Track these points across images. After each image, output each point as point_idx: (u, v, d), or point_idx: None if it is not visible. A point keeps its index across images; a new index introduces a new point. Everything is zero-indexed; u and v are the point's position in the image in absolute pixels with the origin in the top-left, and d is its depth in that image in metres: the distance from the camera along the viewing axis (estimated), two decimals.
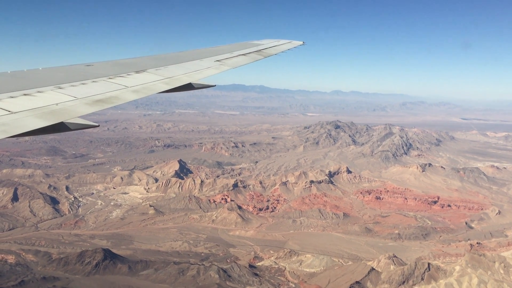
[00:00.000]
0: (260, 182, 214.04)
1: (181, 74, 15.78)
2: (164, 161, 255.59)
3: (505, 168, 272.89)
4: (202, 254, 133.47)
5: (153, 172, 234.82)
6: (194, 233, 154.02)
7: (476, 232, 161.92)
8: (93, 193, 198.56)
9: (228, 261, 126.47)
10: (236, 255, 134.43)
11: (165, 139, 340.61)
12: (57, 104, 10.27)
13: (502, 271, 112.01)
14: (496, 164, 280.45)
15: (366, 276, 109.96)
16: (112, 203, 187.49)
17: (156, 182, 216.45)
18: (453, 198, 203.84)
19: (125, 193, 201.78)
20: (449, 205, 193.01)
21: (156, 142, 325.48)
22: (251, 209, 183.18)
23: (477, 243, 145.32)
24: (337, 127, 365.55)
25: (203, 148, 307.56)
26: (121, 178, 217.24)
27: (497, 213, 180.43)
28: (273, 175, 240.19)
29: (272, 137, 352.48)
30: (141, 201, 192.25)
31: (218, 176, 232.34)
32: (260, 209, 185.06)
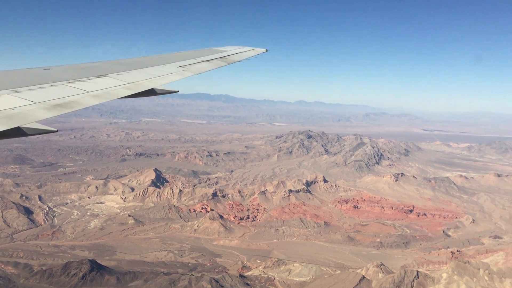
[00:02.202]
0: (239, 191, 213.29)
1: (143, 79, 15.53)
2: (138, 170, 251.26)
3: (472, 177, 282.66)
4: (189, 264, 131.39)
5: (128, 181, 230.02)
6: (178, 243, 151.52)
7: (454, 240, 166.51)
8: (67, 203, 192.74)
9: (217, 271, 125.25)
10: (223, 265, 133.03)
11: (136, 147, 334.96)
12: (13, 109, 9.94)
13: (486, 278, 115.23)
14: (463, 174, 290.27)
15: (357, 284, 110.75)
16: (88, 213, 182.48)
17: (132, 191, 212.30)
18: (427, 207, 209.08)
19: (101, 203, 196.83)
20: (424, 214, 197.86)
21: (127, 150, 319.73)
22: (232, 219, 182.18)
23: (457, 250, 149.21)
24: (309, 136, 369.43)
25: (177, 157, 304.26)
26: (96, 187, 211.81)
27: (471, 222, 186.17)
28: (250, 184, 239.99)
29: (245, 146, 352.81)
30: (118, 210, 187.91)
31: (195, 185, 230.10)
32: (241, 219, 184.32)
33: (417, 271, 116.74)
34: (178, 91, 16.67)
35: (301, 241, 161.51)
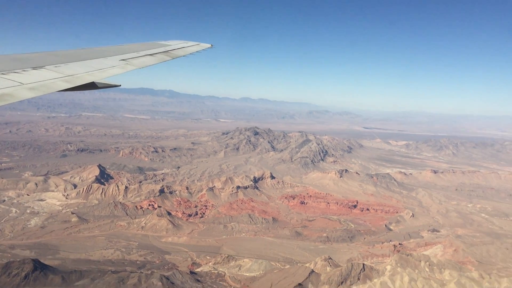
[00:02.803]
0: (187, 188, 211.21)
1: (83, 72, 15.04)
2: (80, 166, 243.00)
3: (411, 174, 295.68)
4: (138, 262, 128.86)
5: (70, 177, 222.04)
6: (124, 241, 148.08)
7: (395, 234, 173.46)
8: (4, 200, 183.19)
9: (167, 268, 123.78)
10: (173, 262, 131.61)
11: (77, 143, 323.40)
12: None
13: (427, 269, 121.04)
14: (403, 170, 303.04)
15: (307, 278, 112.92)
16: (28, 211, 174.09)
17: (75, 188, 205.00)
18: (370, 202, 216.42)
19: (42, 200, 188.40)
20: (367, 209, 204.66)
21: (68, 146, 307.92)
22: (180, 215, 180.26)
23: (399, 244, 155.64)
24: (255, 133, 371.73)
25: (121, 153, 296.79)
26: (35, 184, 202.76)
27: (411, 216, 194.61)
28: (197, 181, 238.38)
29: (192, 143, 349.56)
30: (60, 208, 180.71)
31: (141, 182, 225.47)
32: (189, 215, 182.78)
33: (363, 264, 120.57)
34: (120, 85, 16.77)
35: (250, 237, 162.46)
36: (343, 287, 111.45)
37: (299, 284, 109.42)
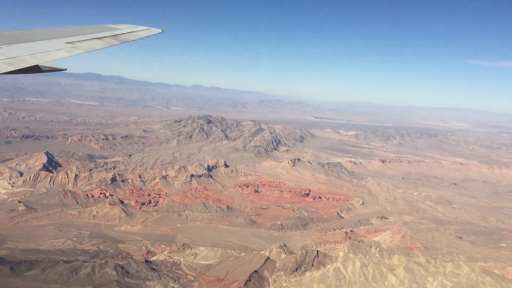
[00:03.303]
0: (139, 176, 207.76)
1: (27, 54, 14.28)
2: (26, 153, 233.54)
3: (360, 163, 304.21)
4: (90, 252, 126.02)
5: (16, 165, 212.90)
6: (76, 230, 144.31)
7: (347, 221, 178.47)
8: None
9: (121, 257, 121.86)
10: (127, 250, 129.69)
11: (22, 129, 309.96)
12: None
13: (377, 255, 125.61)
14: (353, 160, 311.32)
15: (263, 265, 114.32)
16: None
17: (21, 176, 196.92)
18: (322, 190, 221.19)
19: None
20: (320, 197, 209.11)
21: (13, 132, 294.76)
22: (133, 204, 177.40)
23: (351, 231, 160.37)
24: (209, 122, 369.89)
25: (69, 140, 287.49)
26: None
27: (361, 204, 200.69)
28: (150, 169, 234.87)
29: (143, 130, 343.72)
30: (6, 196, 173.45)
31: (91, 170, 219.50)
32: (143, 204, 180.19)
33: (317, 251, 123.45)
34: (66, 69, 16.35)
35: (204, 225, 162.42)
36: (297, 273, 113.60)
37: (255, 271, 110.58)
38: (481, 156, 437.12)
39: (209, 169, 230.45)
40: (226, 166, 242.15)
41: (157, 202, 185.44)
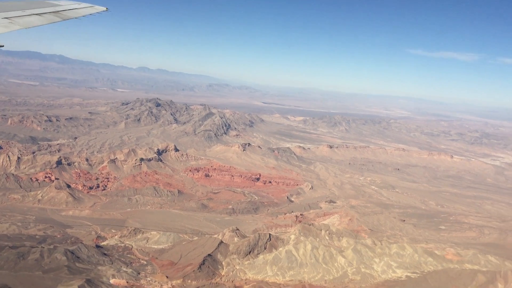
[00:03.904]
0: (86, 160, 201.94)
1: None
2: None
3: (309, 148, 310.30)
4: (37, 237, 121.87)
5: None
6: (20, 215, 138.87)
7: (296, 205, 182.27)
8: None
9: (69, 242, 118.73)
10: (76, 235, 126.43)
11: None
12: None
13: (327, 238, 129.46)
14: (301, 145, 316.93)
15: (216, 249, 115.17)
16: None
17: None
18: (272, 175, 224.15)
19: None
20: (270, 182, 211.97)
21: None
22: (80, 188, 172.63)
23: (301, 214, 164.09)
24: (157, 105, 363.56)
25: (9, 121, 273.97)
26: None
27: (310, 188, 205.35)
28: (97, 152, 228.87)
29: (89, 112, 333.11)
30: None
31: (34, 153, 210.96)
32: (91, 188, 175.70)
33: (269, 234, 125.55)
34: (3, 46, 15.76)
35: (155, 209, 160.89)
36: (251, 256, 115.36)
37: (209, 254, 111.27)
38: (421, 142, 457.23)
39: (159, 153, 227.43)
40: (176, 150, 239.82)
41: (106, 186, 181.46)
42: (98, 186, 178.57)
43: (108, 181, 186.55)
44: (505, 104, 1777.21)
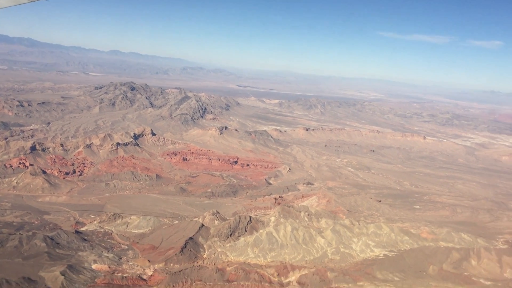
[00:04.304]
0: (61, 145, 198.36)
1: None
2: None
3: (285, 131, 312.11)
4: (14, 224, 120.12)
5: None
6: None
7: (275, 187, 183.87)
8: None
9: (48, 228, 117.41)
10: (54, 222, 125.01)
11: None
12: None
13: (306, 219, 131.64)
14: (278, 128, 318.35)
15: (197, 232, 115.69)
16: None
17: None
18: (250, 158, 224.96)
19: None
20: (248, 165, 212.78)
21: None
22: (56, 174, 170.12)
23: (280, 196, 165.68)
24: (132, 88, 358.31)
25: None
26: None
27: (288, 171, 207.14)
28: (72, 137, 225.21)
29: (62, 97, 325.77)
30: None
31: (6, 138, 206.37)
32: (67, 173, 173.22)
33: (250, 217, 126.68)
34: None
35: (134, 194, 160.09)
36: (232, 239, 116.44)
37: (190, 238, 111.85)
38: (395, 124, 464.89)
39: (136, 137, 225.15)
40: (153, 134, 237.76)
41: (82, 171, 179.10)
42: (74, 172, 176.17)
43: (84, 166, 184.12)
44: (474, 86, 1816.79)
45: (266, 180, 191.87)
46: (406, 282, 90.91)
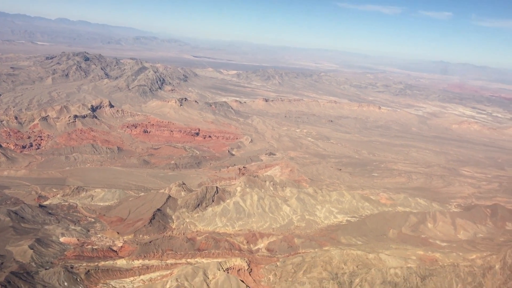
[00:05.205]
0: (15, 118, 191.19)
1: None
2: None
3: (245, 102, 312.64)
4: None
5: None
6: None
7: (238, 158, 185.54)
8: None
9: (9, 203, 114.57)
10: (15, 196, 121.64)
11: None
12: None
13: (272, 188, 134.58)
14: (237, 99, 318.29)
15: (165, 203, 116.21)
16: None
17: None
18: (211, 129, 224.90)
19: None
20: (209, 136, 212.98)
21: None
22: (12, 147, 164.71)
23: (243, 167, 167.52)
24: (86, 59, 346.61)
25: None
26: None
27: (250, 141, 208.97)
28: (25, 110, 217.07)
29: (11, 67, 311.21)
30: None
31: None
32: (24, 147, 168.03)
33: (216, 187, 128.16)
34: None
35: (96, 167, 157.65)
36: (199, 209, 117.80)
37: (158, 209, 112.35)
38: (350, 95, 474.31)
39: (93, 109, 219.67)
40: (111, 106, 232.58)
41: (40, 145, 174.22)
42: (31, 145, 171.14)
43: (42, 139, 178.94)
44: (424, 57, 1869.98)
45: (229, 151, 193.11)
46: (369, 246, 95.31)
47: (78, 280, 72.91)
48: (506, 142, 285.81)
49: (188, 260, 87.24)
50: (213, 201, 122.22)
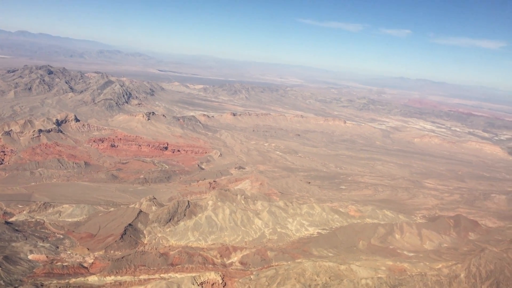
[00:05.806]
0: None
1: None
2: None
3: (213, 116, 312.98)
4: None
5: None
6: None
7: (208, 172, 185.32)
8: None
9: None
10: None
11: None
12: None
13: (243, 202, 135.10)
14: (205, 113, 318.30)
15: (136, 218, 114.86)
16: None
17: None
18: (180, 143, 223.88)
19: None
20: (178, 150, 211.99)
21: None
22: None
23: (214, 181, 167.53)
24: (50, 72, 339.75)
25: None
26: None
27: (219, 155, 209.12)
28: None
29: None
30: None
31: None
32: None
33: (188, 201, 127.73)
34: None
35: (62, 182, 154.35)
36: (171, 223, 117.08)
37: (129, 224, 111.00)
38: (316, 109, 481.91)
39: (58, 123, 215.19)
40: (77, 120, 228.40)
41: (3, 160, 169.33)
42: None
43: (5, 154, 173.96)
44: (385, 73, 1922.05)
45: (198, 165, 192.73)
46: (340, 257, 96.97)
47: None
48: (465, 155, 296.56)
49: (162, 275, 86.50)
50: (185, 215, 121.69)
